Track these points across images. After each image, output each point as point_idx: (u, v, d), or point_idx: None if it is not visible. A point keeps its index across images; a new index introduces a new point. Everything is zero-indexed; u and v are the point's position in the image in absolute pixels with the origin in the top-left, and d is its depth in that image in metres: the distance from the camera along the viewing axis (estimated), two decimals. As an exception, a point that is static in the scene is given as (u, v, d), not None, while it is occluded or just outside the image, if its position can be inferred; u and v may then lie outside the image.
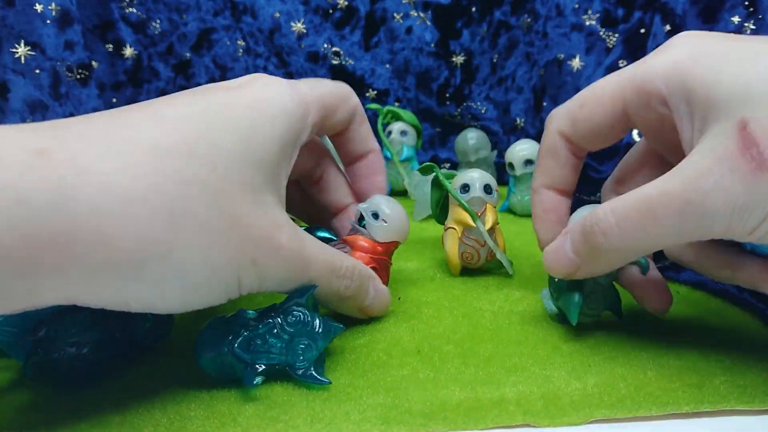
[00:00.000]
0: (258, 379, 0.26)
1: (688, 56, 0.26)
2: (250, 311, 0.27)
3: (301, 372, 0.26)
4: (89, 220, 0.20)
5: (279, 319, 0.27)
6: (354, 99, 0.33)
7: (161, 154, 0.22)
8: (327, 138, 0.35)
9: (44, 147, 0.20)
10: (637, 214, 0.25)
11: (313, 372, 0.26)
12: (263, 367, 0.26)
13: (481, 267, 0.39)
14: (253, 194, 0.25)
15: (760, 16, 0.50)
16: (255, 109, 0.26)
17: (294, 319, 0.27)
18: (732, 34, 0.27)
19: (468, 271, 0.39)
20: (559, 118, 0.32)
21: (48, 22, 0.54)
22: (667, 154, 0.31)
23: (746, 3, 0.50)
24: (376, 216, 0.34)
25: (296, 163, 0.29)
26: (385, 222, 0.33)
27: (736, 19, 0.50)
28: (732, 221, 0.23)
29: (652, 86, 0.27)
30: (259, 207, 0.25)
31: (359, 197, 0.36)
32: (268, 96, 0.27)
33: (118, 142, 0.22)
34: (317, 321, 0.27)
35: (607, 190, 0.34)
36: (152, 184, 0.22)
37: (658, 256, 0.33)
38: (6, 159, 0.19)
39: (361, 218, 0.34)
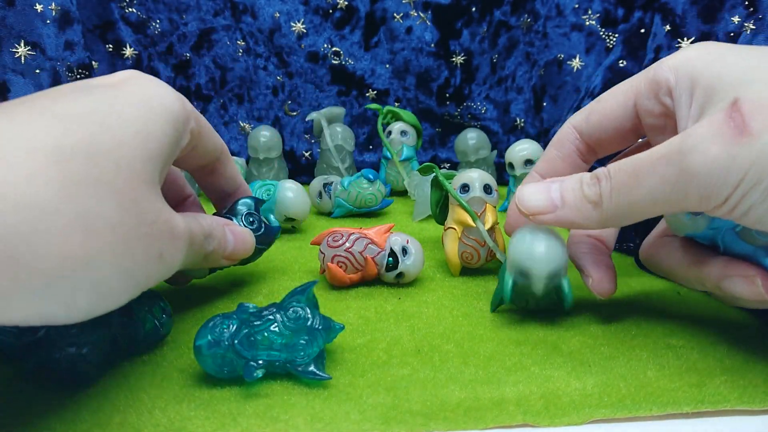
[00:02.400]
0: (258, 373, 0.26)
1: (697, 52, 0.27)
2: (251, 306, 0.27)
3: (301, 368, 0.26)
4: None
5: (279, 315, 0.27)
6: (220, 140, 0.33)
7: (66, 157, 0.20)
8: None
9: None
10: (626, 173, 0.26)
11: (314, 368, 0.26)
12: (263, 361, 0.26)
13: (481, 267, 0.39)
14: (150, 188, 0.24)
15: (760, 16, 0.50)
16: (146, 105, 0.25)
17: (294, 314, 0.27)
18: (744, 45, 0.28)
19: (468, 271, 0.39)
20: (577, 113, 0.33)
21: (48, 22, 0.54)
22: None
23: (746, 3, 0.50)
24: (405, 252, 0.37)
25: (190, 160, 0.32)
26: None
27: (736, 19, 0.50)
28: (707, 187, 0.23)
29: (661, 76, 0.28)
30: (157, 200, 0.25)
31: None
32: (155, 94, 0.26)
33: (17, 147, 0.20)
34: (317, 317, 0.27)
35: None
36: (63, 190, 0.20)
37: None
38: None
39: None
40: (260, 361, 0.26)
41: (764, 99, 0.23)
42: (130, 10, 0.63)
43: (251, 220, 0.35)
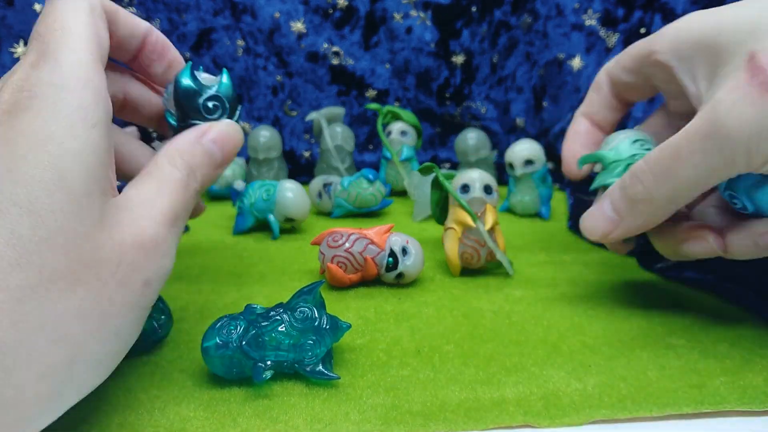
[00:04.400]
0: (267, 374, 0.26)
1: (687, 18, 0.29)
2: (258, 307, 0.27)
3: (309, 368, 0.26)
4: None
5: (286, 316, 0.27)
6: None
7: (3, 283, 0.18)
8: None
9: None
10: (666, 159, 0.26)
11: (322, 368, 0.26)
12: (271, 362, 0.26)
13: (481, 267, 0.39)
14: (99, 230, 0.20)
15: (760, 16, 0.50)
16: (51, 141, 0.20)
17: (301, 315, 0.27)
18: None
19: (468, 271, 0.39)
20: (611, 60, 0.36)
21: (48, 22, 0.54)
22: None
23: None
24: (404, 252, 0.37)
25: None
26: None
27: (736, 19, 0.50)
28: (750, 148, 0.24)
29: (662, 57, 0.30)
30: (112, 233, 0.21)
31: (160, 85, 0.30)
32: (60, 111, 0.20)
33: None
34: (324, 317, 0.27)
35: None
36: (10, 326, 0.18)
37: (660, 257, 0.33)
38: None
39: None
40: (268, 362, 0.26)
41: None
42: (130, 9, 0.63)
43: (213, 105, 0.26)
